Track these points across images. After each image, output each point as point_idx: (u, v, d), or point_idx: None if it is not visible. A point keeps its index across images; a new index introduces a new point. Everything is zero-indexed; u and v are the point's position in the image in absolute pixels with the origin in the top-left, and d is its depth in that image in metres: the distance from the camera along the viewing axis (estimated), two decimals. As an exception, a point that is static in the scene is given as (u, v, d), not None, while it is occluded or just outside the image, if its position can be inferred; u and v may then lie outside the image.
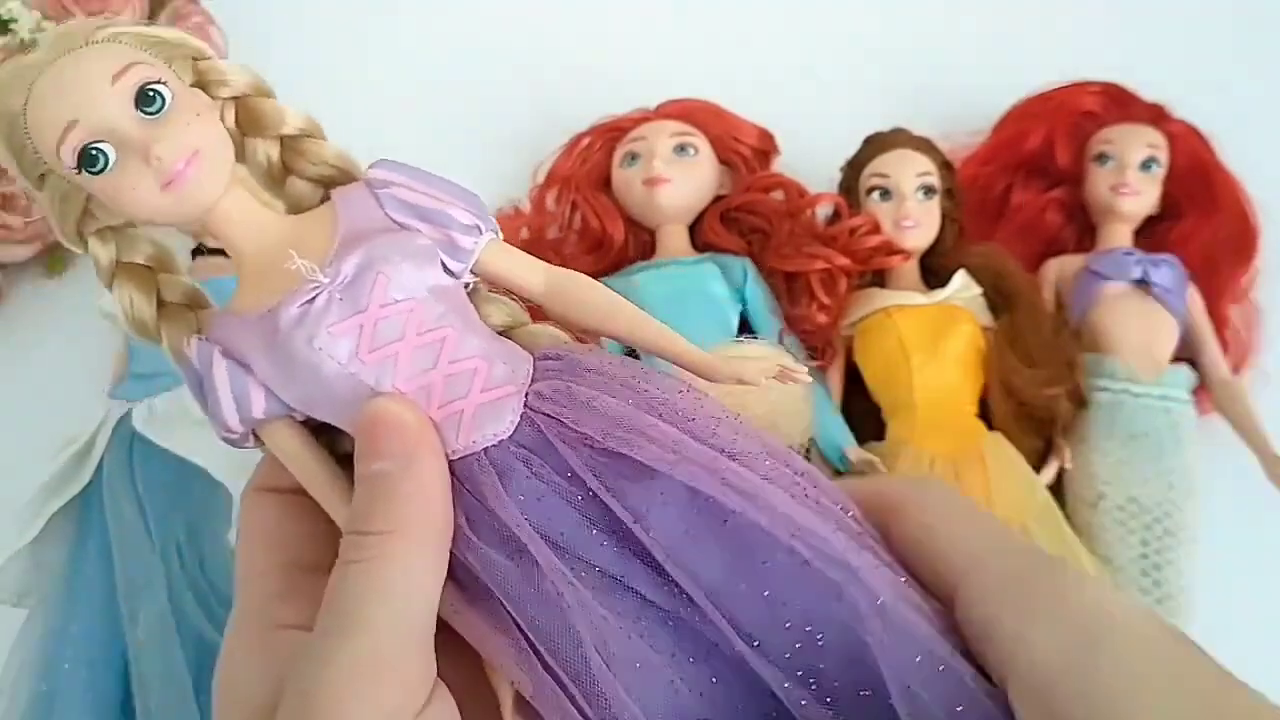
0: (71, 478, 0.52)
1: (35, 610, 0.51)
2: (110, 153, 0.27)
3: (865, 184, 0.60)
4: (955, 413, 0.56)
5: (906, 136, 0.61)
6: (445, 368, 0.28)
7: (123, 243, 0.31)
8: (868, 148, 0.61)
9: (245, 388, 0.29)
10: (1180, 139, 0.62)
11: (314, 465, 0.29)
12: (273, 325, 0.28)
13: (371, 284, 0.28)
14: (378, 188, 0.29)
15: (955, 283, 0.59)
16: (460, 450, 0.28)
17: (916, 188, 0.59)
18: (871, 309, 0.58)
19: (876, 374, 0.58)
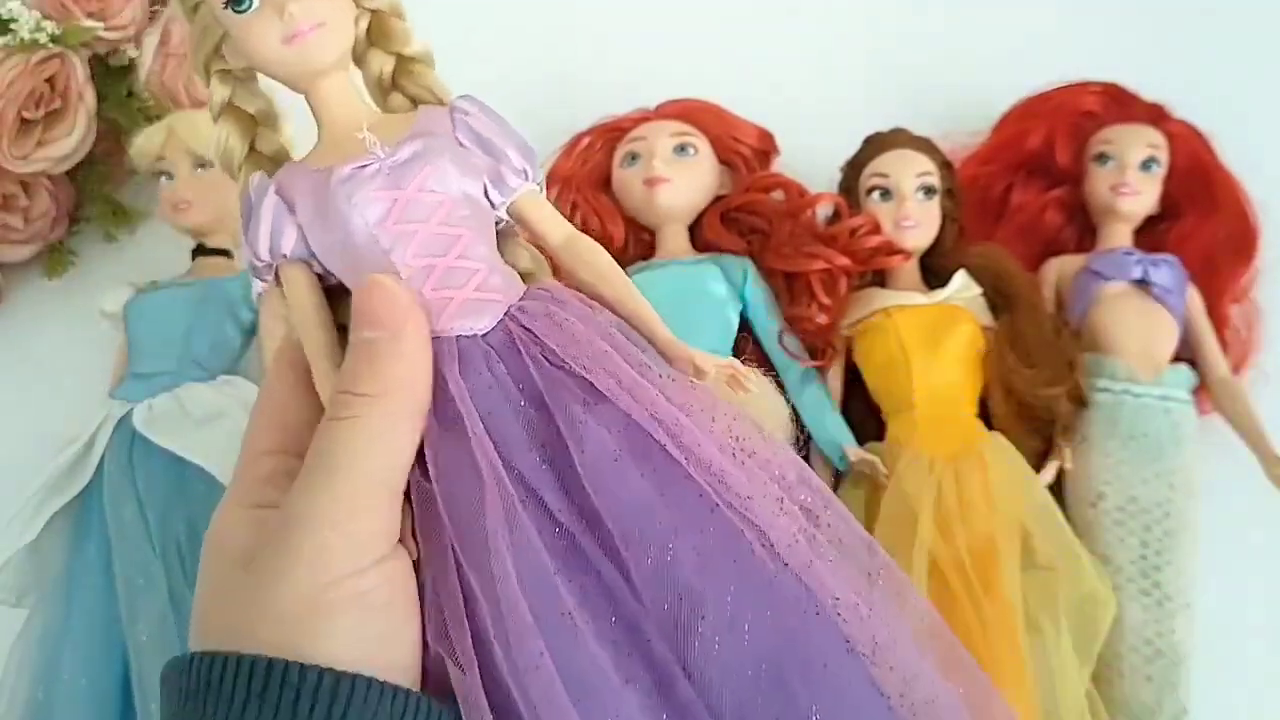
0: (72, 478, 0.52)
1: (35, 610, 0.51)
2: (255, 1, 0.32)
3: (865, 184, 0.60)
4: (955, 413, 0.56)
5: (906, 136, 0.61)
6: (451, 260, 0.32)
7: (240, 89, 0.34)
8: (868, 148, 0.61)
9: (283, 224, 0.32)
10: (1180, 139, 0.62)
11: (314, 316, 0.33)
12: (326, 178, 0.32)
13: (418, 171, 0.32)
14: (457, 113, 0.34)
15: (955, 283, 0.58)
16: (437, 331, 0.31)
17: (916, 188, 0.59)
18: (871, 309, 0.58)
19: (876, 374, 0.58)
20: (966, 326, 0.57)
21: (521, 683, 0.27)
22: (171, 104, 0.65)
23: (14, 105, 0.57)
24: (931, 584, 0.49)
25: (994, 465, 0.53)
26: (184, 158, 0.59)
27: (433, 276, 0.32)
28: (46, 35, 0.58)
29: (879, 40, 0.74)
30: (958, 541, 0.50)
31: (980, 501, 0.52)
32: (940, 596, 0.49)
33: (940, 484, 0.52)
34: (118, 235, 0.68)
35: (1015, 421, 0.56)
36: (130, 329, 0.57)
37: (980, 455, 0.54)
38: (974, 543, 0.51)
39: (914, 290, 0.59)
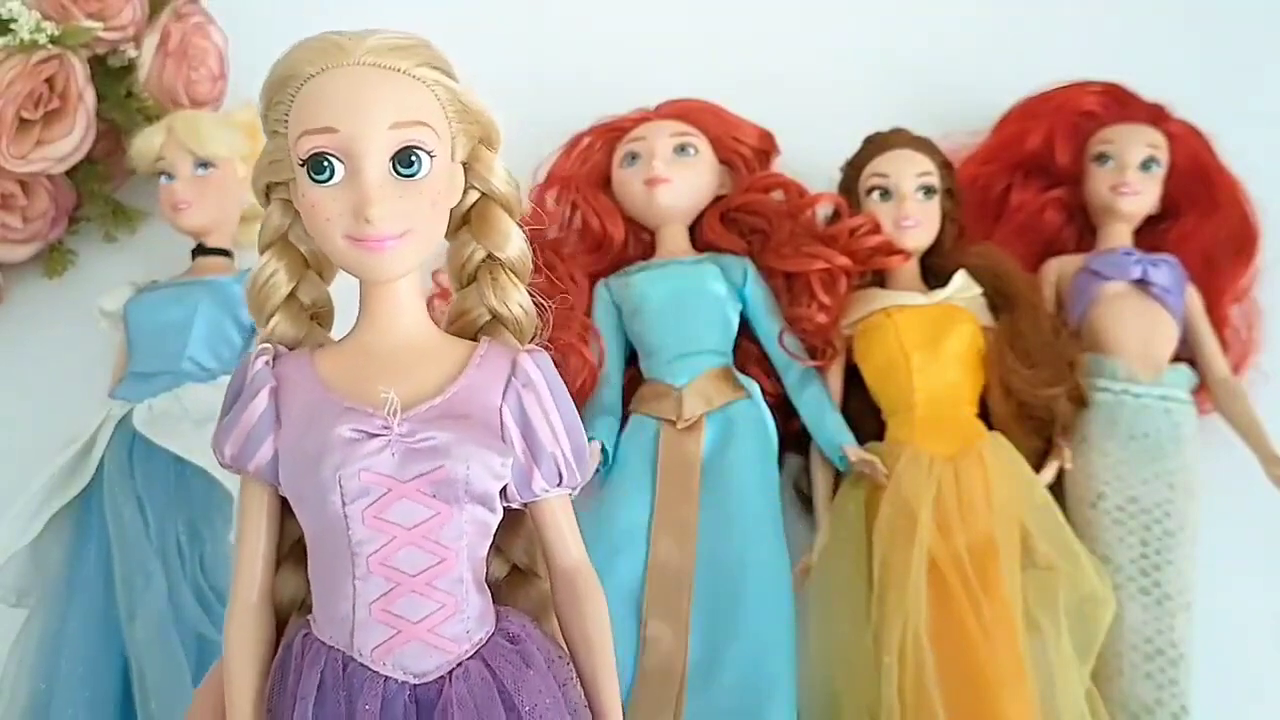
0: (72, 477, 0.52)
1: (35, 610, 0.51)
2: (339, 174, 0.28)
3: (865, 184, 0.60)
4: (955, 412, 0.56)
5: (907, 137, 0.61)
6: (419, 584, 0.28)
7: (298, 224, 0.30)
8: (868, 148, 0.61)
9: (262, 439, 0.29)
10: (1180, 139, 0.62)
11: (254, 538, 0.30)
12: (330, 421, 0.28)
13: (429, 467, 0.28)
14: (518, 379, 0.30)
15: (955, 283, 0.58)
16: (368, 661, 0.28)
17: (916, 188, 0.59)
18: (871, 309, 0.58)
19: (876, 374, 0.58)
20: (966, 326, 0.57)
21: None
22: (171, 104, 0.65)
23: (13, 105, 0.57)
24: (931, 583, 0.49)
25: (994, 465, 0.53)
26: (184, 158, 0.58)
27: (390, 596, 0.28)
28: (46, 36, 0.58)
29: (879, 41, 0.74)
30: (957, 540, 0.50)
31: (980, 501, 0.52)
32: (940, 595, 0.49)
33: (940, 483, 0.52)
34: (117, 235, 0.68)
35: (1015, 421, 0.56)
36: (130, 328, 0.57)
37: (980, 455, 0.54)
38: (973, 542, 0.50)
39: (914, 290, 0.59)
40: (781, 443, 0.56)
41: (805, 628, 0.51)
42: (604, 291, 0.60)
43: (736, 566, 0.51)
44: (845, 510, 0.55)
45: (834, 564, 0.54)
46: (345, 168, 0.28)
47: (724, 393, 0.55)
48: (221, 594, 0.50)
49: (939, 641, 0.48)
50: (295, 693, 0.28)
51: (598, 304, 0.59)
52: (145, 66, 0.64)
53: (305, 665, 0.29)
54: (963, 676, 0.47)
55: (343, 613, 0.29)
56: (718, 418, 0.55)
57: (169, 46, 0.65)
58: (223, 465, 0.30)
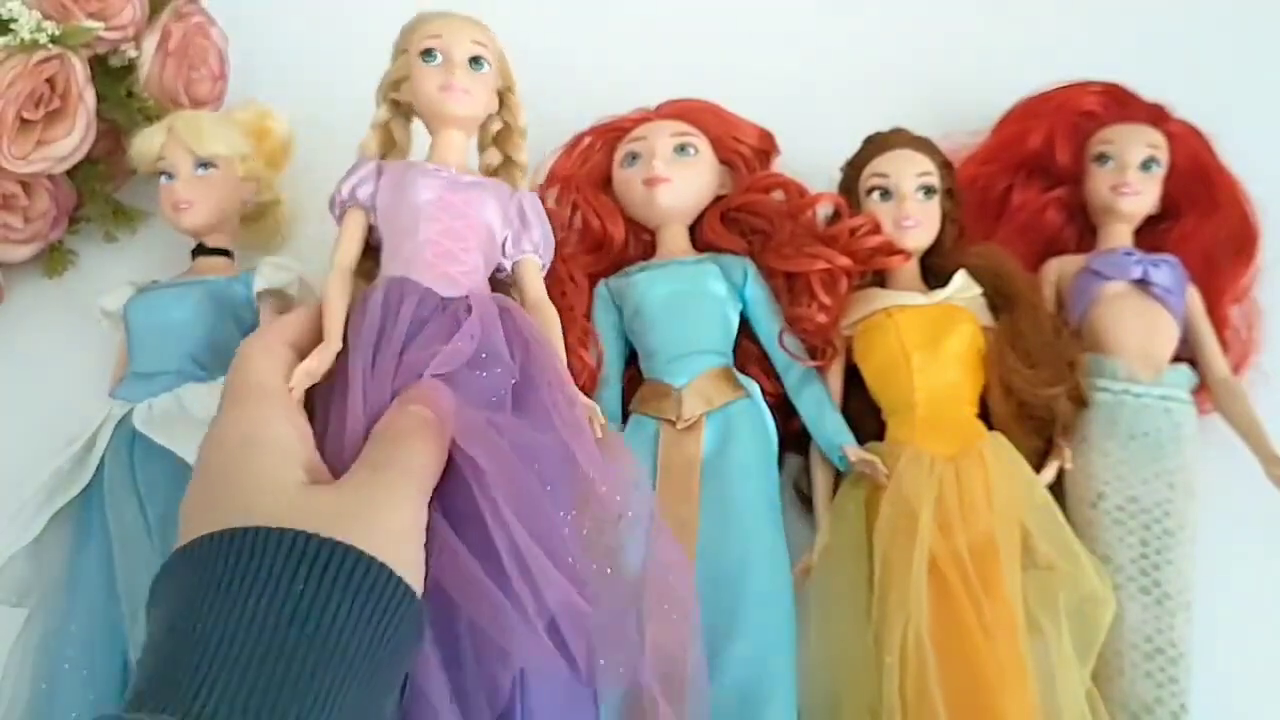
0: (72, 478, 0.52)
1: (35, 610, 0.51)
2: (439, 58, 0.51)
3: (865, 184, 0.60)
4: (955, 413, 0.56)
5: (907, 136, 0.61)
6: (454, 249, 0.48)
7: (396, 119, 0.55)
8: (868, 148, 0.61)
9: (368, 182, 0.50)
10: (1180, 139, 0.62)
11: (351, 237, 0.50)
12: (415, 169, 0.50)
13: (468, 192, 0.50)
14: (517, 193, 0.53)
15: (955, 283, 0.58)
16: (422, 280, 0.47)
17: (916, 188, 0.59)
18: (871, 309, 0.58)
19: (876, 374, 0.58)
20: (967, 326, 0.57)
21: None
22: (171, 104, 0.65)
23: (14, 105, 0.57)
24: (932, 582, 0.49)
25: (994, 465, 0.53)
26: (184, 157, 0.58)
27: (438, 249, 0.48)
28: (46, 35, 0.58)
29: (879, 41, 0.74)
30: (958, 540, 0.50)
31: (980, 501, 0.52)
32: (941, 595, 0.49)
33: (941, 483, 0.52)
34: (118, 235, 0.68)
35: (1015, 421, 0.56)
36: (130, 328, 0.57)
37: (980, 455, 0.53)
38: (974, 541, 0.50)
39: (914, 290, 0.59)
40: (781, 443, 0.56)
41: (806, 628, 0.51)
42: (604, 291, 0.60)
43: (736, 566, 0.50)
44: (845, 510, 0.55)
45: (834, 564, 0.53)
46: (442, 56, 0.51)
47: (724, 393, 0.55)
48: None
49: (940, 641, 0.48)
50: (365, 297, 0.47)
51: (598, 304, 0.59)
52: (145, 66, 0.64)
53: (372, 288, 0.47)
54: (964, 676, 0.47)
55: (405, 254, 0.48)
56: (718, 418, 0.55)
57: (169, 46, 0.65)
58: (332, 203, 0.51)
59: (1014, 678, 0.47)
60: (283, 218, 0.66)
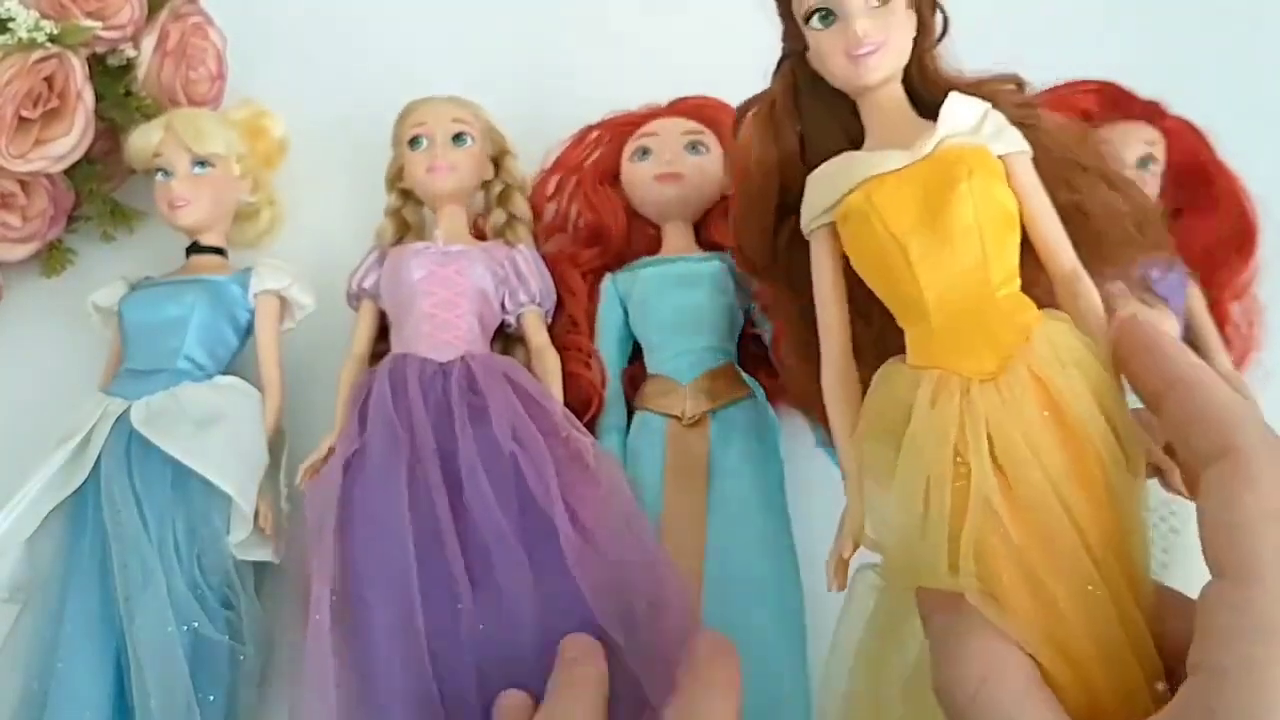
0: (68, 475, 0.51)
1: (28, 606, 0.50)
2: (424, 144, 0.58)
3: (802, 7, 0.41)
4: (984, 308, 0.37)
5: None
6: (449, 317, 0.54)
7: (409, 205, 0.60)
8: None
9: (372, 271, 0.57)
10: (1177, 135, 0.62)
11: (365, 325, 0.57)
12: (408, 252, 0.56)
13: (457, 263, 0.55)
14: (514, 253, 0.58)
15: (945, 119, 0.39)
16: (415, 352, 0.53)
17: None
18: (845, 187, 0.39)
19: (873, 275, 0.40)
20: (978, 181, 0.37)
21: None
22: (169, 104, 0.65)
23: (12, 104, 0.57)
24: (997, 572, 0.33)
25: (1056, 374, 0.35)
26: (182, 155, 0.58)
27: (434, 321, 0.53)
28: (45, 34, 0.58)
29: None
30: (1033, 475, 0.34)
31: (1044, 434, 0.34)
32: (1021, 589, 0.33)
33: (986, 419, 0.35)
34: (115, 234, 0.68)
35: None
36: (125, 325, 0.57)
37: (1031, 365, 0.35)
38: (1060, 468, 0.34)
39: (896, 143, 0.39)
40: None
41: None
42: (611, 287, 0.59)
43: (743, 563, 0.50)
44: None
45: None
46: (428, 141, 0.59)
47: (728, 391, 0.55)
48: (220, 593, 0.50)
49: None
50: (370, 376, 0.53)
51: (605, 299, 0.59)
52: (144, 66, 0.64)
53: (375, 369, 0.53)
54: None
55: (407, 331, 0.53)
56: (722, 415, 0.54)
57: (168, 46, 0.65)
58: (348, 296, 0.58)
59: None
60: (276, 217, 0.66)
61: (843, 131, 0.42)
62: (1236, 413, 0.30)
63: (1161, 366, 0.33)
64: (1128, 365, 0.34)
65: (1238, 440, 0.29)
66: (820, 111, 0.43)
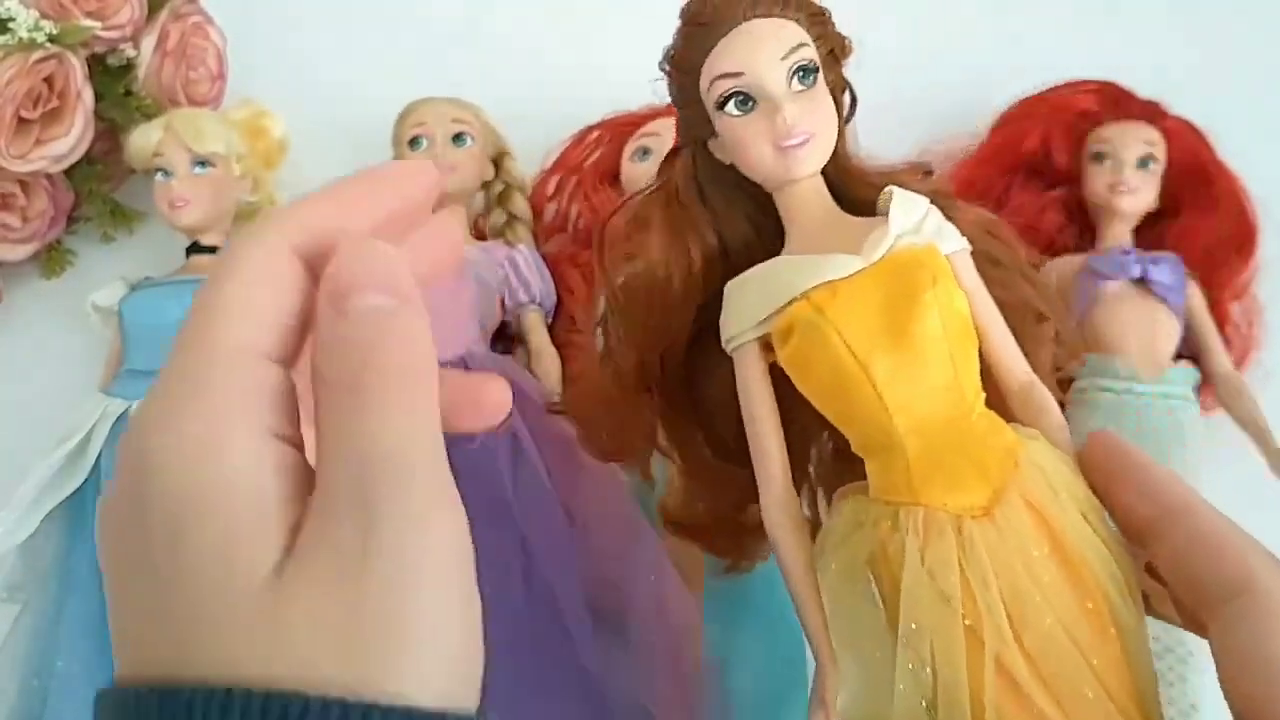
0: (67, 474, 0.52)
1: (27, 605, 0.50)
2: (424, 144, 0.60)
3: (713, 95, 0.33)
4: (961, 431, 0.31)
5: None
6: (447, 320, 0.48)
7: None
8: (695, 33, 0.34)
9: None
10: (1177, 135, 0.62)
11: None
12: None
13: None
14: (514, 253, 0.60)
15: (895, 218, 0.32)
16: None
17: (792, 71, 0.33)
18: (783, 297, 0.32)
19: (825, 399, 0.32)
20: (941, 289, 0.31)
21: None
22: (169, 104, 0.65)
23: (12, 105, 0.57)
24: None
25: (1051, 503, 0.29)
26: (182, 155, 0.58)
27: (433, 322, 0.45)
28: (45, 35, 0.58)
29: (879, 40, 0.74)
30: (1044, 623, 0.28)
31: (1056, 574, 0.28)
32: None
33: (990, 568, 0.28)
34: (115, 235, 0.67)
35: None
36: (126, 325, 0.57)
37: (1025, 495, 0.29)
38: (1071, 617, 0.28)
39: (837, 242, 0.32)
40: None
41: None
42: None
43: (748, 581, 0.50)
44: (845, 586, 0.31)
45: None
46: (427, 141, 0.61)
47: None
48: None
49: None
50: None
51: None
52: (144, 66, 0.64)
53: None
54: None
55: None
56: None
57: (167, 46, 0.65)
58: None
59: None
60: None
61: (752, 228, 0.35)
62: (1247, 544, 0.27)
63: (1155, 493, 0.28)
64: (1111, 489, 0.29)
65: (1257, 574, 0.26)
66: (724, 205, 0.35)
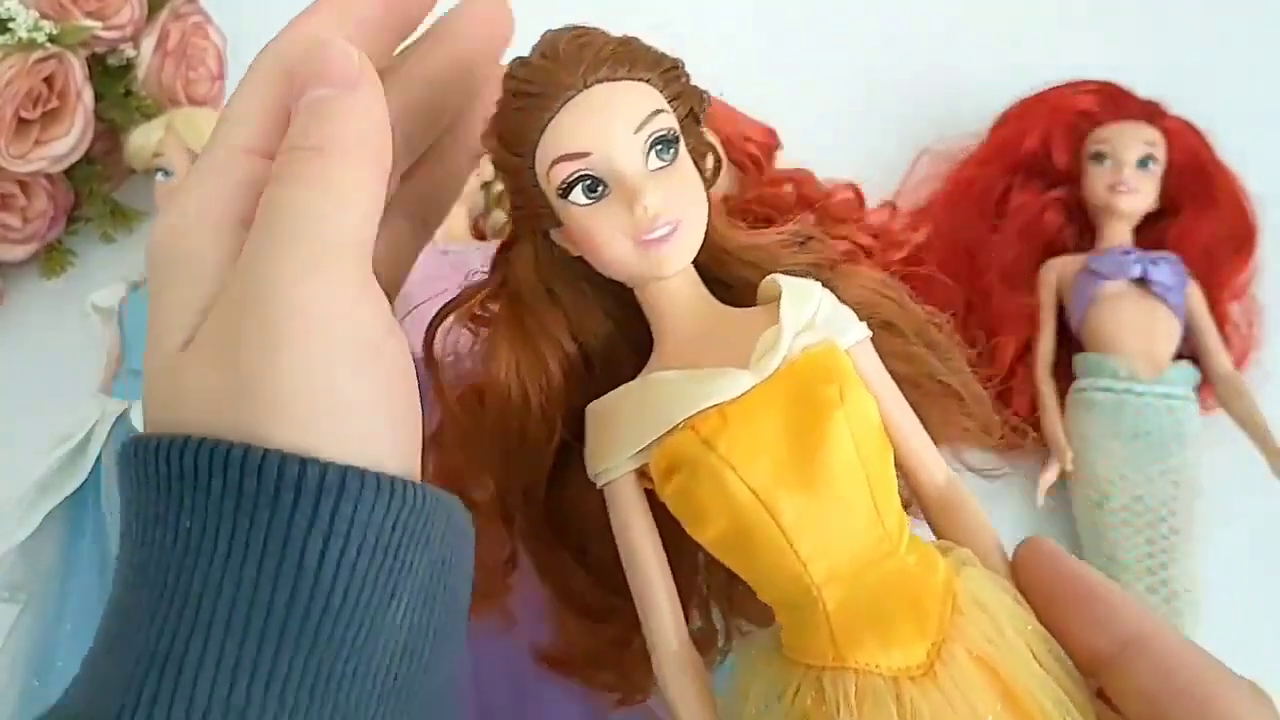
0: (67, 475, 0.52)
1: (27, 607, 0.50)
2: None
3: (555, 182, 0.26)
4: (889, 573, 0.25)
5: (590, 51, 0.28)
6: None
7: None
8: (530, 103, 0.27)
9: None
10: (1177, 135, 0.62)
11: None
12: None
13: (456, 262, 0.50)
14: None
15: (788, 318, 0.26)
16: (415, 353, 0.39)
17: (649, 143, 0.26)
18: (659, 425, 0.26)
19: (722, 546, 0.26)
20: (851, 404, 0.25)
21: None
22: (169, 104, 0.65)
23: (11, 105, 0.57)
24: None
25: (1000, 645, 0.24)
26: (182, 155, 0.58)
27: None
28: (44, 34, 0.58)
29: (879, 40, 0.74)
30: None
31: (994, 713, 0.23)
32: None
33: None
34: (115, 235, 0.67)
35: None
36: (126, 325, 0.57)
37: (967, 645, 0.24)
38: None
39: (714, 349, 0.26)
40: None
41: None
42: None
43: None
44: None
45: None
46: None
47: None
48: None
49: None
50: None
51: None
52: (144, 66, 0.64)
53: None
54: None
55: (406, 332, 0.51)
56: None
57: (168, 46, 0.65)
58: None
59: None
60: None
61: (613, 323, 0.29)
62: (1213, 672, 0.23)
63: (1109, 622, 0.24)
64: (1056, 616, 0.24)
65: (1232, 706, 0.23)
66: (577, 302, 0.29)
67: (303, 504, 0.20)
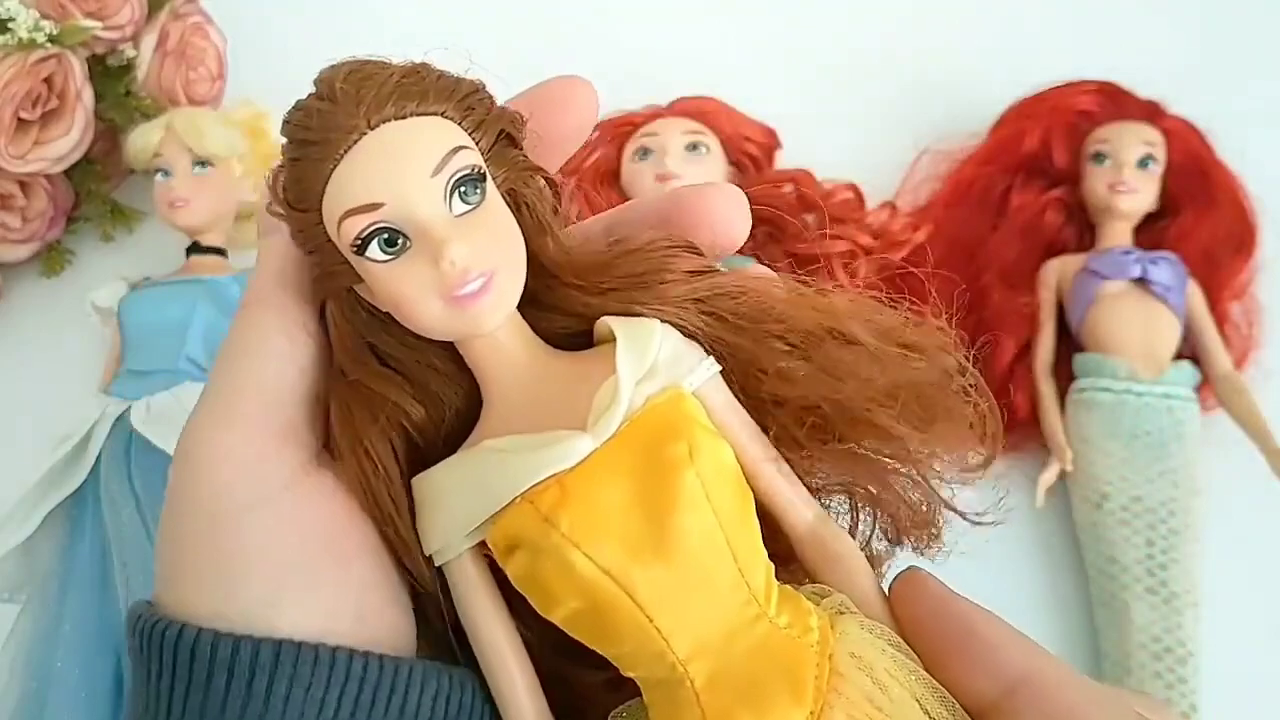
0: (67, 475, 0.52)
1: (27, 606, 0.50)
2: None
3: (348, 239, 0.24)
4: (759, 639, 0.23)
5: (382, 89, 0.24)
6: None
7: None
8: (321, 149, 0.24)
9: None
10: (1176, 135, 0.62)
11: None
12: None
13: None
14: None
15: (624, 368, 0.23)
16: None
17: (451, 183, 0.23)
18: (494, 501, 0.23)
19: (579, 627, 0.23)
20: (703, 461, 0.22)
21: None
22: (169, 104, 0.65)
23: (11, 105, 0.57)
24: None
25: (884, 704, 0.22)
26: (182, 155, 0.58)
27: None
28: (44, 35, 0.58)
29: (877, 41, 0.74)
30: None
31: None
32: None
33: None
34: (115, 235, 0.67)
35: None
36: (126, 325, 0.57)
37: (853, 704, 0.22)
38: None
39: (549, 411, 0.24)
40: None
41: None
42: None
43: None
44: None
45: None
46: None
47: None
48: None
49: None
50: None
51: None
52: (144, 66, 0.64)
53: None
54: None
55: None
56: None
57: (167, 46, 0.65)
58: None
59: None
60: (277, 219, 0.67)
61: (442, 377, 0.25)
62: (1102, 713, 0.21)
63: (993, 665, 0.22)
64: (939, 660, 0.23)
65: None
66: (406, 356, 0.25)
67: (235, 686, 0.20)
